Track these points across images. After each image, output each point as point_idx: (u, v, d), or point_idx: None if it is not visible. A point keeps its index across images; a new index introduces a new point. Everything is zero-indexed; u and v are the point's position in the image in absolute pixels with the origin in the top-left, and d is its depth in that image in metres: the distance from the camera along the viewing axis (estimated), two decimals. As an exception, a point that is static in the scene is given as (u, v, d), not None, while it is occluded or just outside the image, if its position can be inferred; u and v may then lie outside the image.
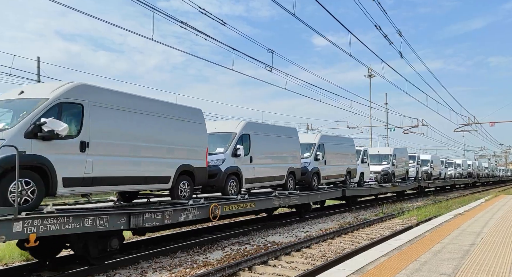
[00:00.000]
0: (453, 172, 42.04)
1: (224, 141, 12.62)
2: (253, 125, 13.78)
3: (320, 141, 17.57)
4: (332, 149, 18.26)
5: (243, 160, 12.51)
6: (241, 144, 12.55)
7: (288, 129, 16.08)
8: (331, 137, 19.74)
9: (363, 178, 22.18)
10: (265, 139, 13.82)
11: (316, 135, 18.08)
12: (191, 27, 11.72)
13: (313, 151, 16.99)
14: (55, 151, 7.07)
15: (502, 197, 23.11)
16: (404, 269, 5.88)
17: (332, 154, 18.14)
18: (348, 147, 20.17)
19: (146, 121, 9.09)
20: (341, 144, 19.50)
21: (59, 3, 9.48)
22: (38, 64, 24.18)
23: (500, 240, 8.37)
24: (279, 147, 14.50)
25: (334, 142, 18.83)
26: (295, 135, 15.90)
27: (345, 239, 12.41)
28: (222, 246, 11.02)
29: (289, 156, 14.96)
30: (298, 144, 15.77)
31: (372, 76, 39.05)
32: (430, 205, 21.97)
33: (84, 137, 7.62)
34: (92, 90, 8.09)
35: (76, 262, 9.11)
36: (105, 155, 8.00)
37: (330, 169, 18.00)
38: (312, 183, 16.60)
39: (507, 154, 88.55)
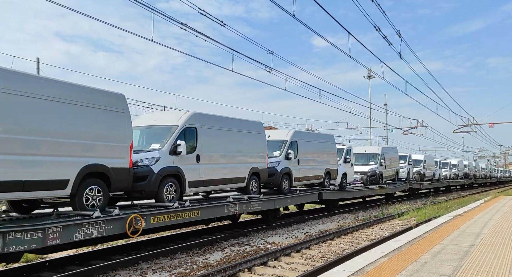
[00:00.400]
0: (448, 173, 40.71)
1: (162, 136, 10.49)
2: (202, 117, 11.48)
3: (292, 138, 15.57)
4: (308, 147, 16.36)
5: (187, 158, 10.45)
6: (183, 139, 10.42)
7: (252, 123, 13.72)
8: (307, 133, 17.92)
9: (346, 179, 20.11)
10: (219, 134, 11.82)
11: (288, 132, 15.90)
12: (191, 28, 11.74)
13: (283, 149, 15.04)
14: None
15: (502, 198, 23.13)
16: (404, 270, 5.88)
17: (307, 153, 16.23)
18: (328, 145, 18.12)
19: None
20: (318, 141, 17.52)
21: (58, 4, 9.49)
22: (37, 65, 24.17)
23: (500, 241, 8.38)
24: (239, 143, 12.64)
25: (310, 139, 16.86)
26: (260, 130, 13.93)
27: (345, 240, 12.42)
28: (221, 247, 11.02)
29: (252, 154, 13.08)
30: (264, 141, 13.91)
31: (372, 77, 39.08)
32: (429, 206, 21.99)
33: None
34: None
35: (76, 263, 9.12)
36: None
37: (304, 169, 16.04)
38: (281, 185, 14.59)
39: (506, 155, 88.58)
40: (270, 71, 15.68)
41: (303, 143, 16.08)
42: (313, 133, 19.00)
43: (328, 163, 17.81)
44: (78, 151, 7.76)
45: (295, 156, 15.35)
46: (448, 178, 40.10)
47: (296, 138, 15.75)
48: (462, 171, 45.79)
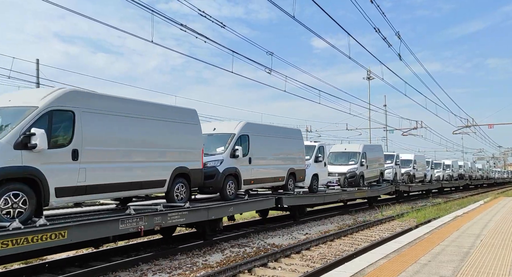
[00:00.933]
0: (441, 174, 38.29)
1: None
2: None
3: (242, 131, 12.81)
4: (264, 143, 13.72)
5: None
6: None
7: (179, 111, 10.63)
8: (263, 127, 14.72)
9: (317, 181, 17.41)
10: (121, 123, 8.68)
11: (238, 124, 13.16)
12: (191, 30, 11.75)
13: (229, 145, 12.20)
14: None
15: (501, 199, 23.14)
16: (404, 271, 5.89)
17: (263, 150, 13.60)
18: (293, 141, 15.59)
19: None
20: (279, 136, 14.83)
21: (58, 5, 9.50)
22: (37, 66, 24.18)
23: (500, 242, 8.39)
24: (156, 137, 9.65)
25: (267, 133, 14.19)
26: (194, 120, 10.98)
27: (345, 241, 12.41)
28: (221, 248, 11.01)
29: (177, 151, 10.15)
30: (199, 134, 10.99)
31: (371, 79, 39.12)
32: (429, 207, 21.99)
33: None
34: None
35: (76, 264, 9.11)
36: None
37: (259, 169, 13.34)
38: (224, 189, 11.77)
39: (506, 156, 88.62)
40: (270, 72, 15.70)
41: (258, 138, 13.44)
42: (272, 126, 15.62)
43: (293, 162, 15.29)
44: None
45: (244, 153, 12.61)
46: (441, 179, 38.06)
47: (247, 131, 13.02)
48: (457, 171, 43.82)
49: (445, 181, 38.79)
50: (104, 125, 8.32)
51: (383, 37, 16.15)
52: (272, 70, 15.67)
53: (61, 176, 7.32)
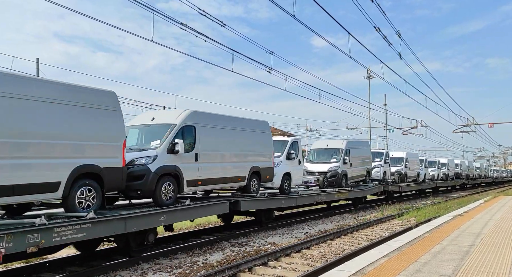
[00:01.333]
0: (436, 173, 36.61)
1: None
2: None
3: (186, 121, 10.48)
4: (217, 136, 11.47)
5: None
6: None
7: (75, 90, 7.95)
8: (215, 117, 11.80)
9: (289, 181, 15.22)
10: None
11: (181, 113, 10.75)
12: (191, 29, 11.74)
13: (167, 138, 9.90)
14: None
15: (501, 198, 23.15)
16: (404, 270, 5.89)
17: (215, 144, 11.39)
18: (257, 135, 13.32)
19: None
20: (238, 128, 12.52)
21: (58, 5, 9.50)
22: (37, 65, 24.20)
23: (500, 240, 8.39)
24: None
25: (221, 125, 11.78)
26: (111, 105, 8.56)
27: (345, 240, 12.42)
28: (222, 248, 11.02)
29: (79, 144, 7.77)
30: (118, 123, 8.65)
31: (371, 78, 39.10)
32: (429, 206, 22.00)
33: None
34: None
35: (76, 263, 9.12)
36: None
37: (210, 168, 11.00)
38: (157, 193, 9.43)
39: (506, 155, 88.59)
40: (270, 72, 15.70)
41: (209, 130, 11.20)
42: (229, 117, 12.68)
43: (258, 159, 13.07)
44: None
45: (188, 148, 10.40)
46: (436, 179, 36.37)
47: (193, 122, 10.75)
48: (453, 170, 41.81)
49: (440, 180, 37.24)
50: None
51: (384, 36, 16.15)
52: (272, 69, 15.67)
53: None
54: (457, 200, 27.02)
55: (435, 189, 36.16)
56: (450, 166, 40.62)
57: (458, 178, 42.99)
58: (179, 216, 9.99)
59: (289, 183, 15.26)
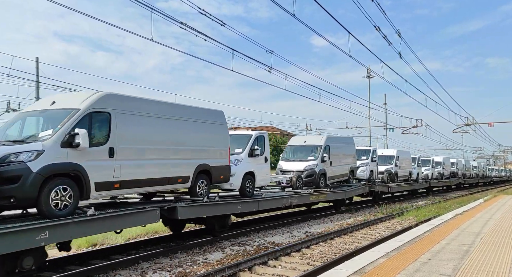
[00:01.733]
0: (430, 172, 34.89)
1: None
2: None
3: (95, 106, 8.12)
4: (145, 126, 9.20)
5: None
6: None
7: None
8: (140, 102, 9.40)
9: (253, 182, 13.04)
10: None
11: (89, 97, 8.28)
12: (191, 28, 11.73)
13: (62, 128, 7.52)
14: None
15: (501, 197, 23.16)
16: (404, 269, 5.89)
17: (142, 137, 9.09)
18: (205, 127, 11.01)
19: None
20: (178, 117, 10.20)
21: (58, 4, 9.48)
22: (37, 65, 24.19)
23: (500, 240, 8.39)
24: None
25: (148, 112, 9.35)
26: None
27: (345, 240, 12.42)
28: (221, 247, 11.02)
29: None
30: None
31: (371, 77, 39.12)
32: (429, 205, 22.00)
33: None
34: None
35: (76, 262, 9.11)
36: None
37: (133, 167, 8.72)
38: (43, 201, 6.98)
39: (506, 154, 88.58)
40: (270, 71, 15.68)
41: (134, 119, 8.90)
42: (164, 103, 10.24)
43: (207, 156, 10.87)
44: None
45: (100, 141, 8.15)
46: (430, 178, 34.63)
47: (108, 107, 8.36)
48: (449, 169, 40.23)
49: (434, 180, 35.44)
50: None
51: (384, 35, 16.14)
52: (272, 68, 15.67)
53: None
54: (457, 200, 27.03)
55: (429, 189, 34.42)
56: (445, 165, 39.20)
57: (454, 178, 41.54)
58: (74, 231, 7.40)
59: (252, 183, 12.99)
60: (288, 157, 18.25)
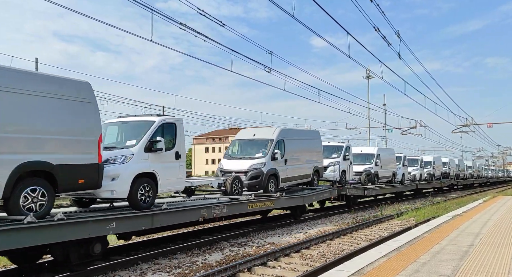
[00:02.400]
0: (419, 173, 31.75)
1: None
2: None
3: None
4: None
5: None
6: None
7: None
8: None
9: (154, 187, 9.45)
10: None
11: None
12: (190, 28, 11.74)
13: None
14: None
15: (500, 198, 23.19)
16: (403, 270, 5.89)
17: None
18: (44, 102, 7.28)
19: None
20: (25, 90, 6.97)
21: (57, 4, 9.48)
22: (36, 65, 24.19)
23: (499, 241, 8.40)
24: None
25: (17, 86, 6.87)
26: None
27: (344, 240, 12.42)
28: (221, 248, 11.02)
29: None
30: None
31: (371, 78, 39.17)
32: (428, 206, 22.01)
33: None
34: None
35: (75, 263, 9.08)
36: None
37: None
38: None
39: (505, 155, 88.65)
40: (269, 72, 15.71)
41: None
42: None
43: (46, 150, 7.22)
44: None
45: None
46: (419, 179, 31.50)
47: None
48: (440, 170, 37.33)
49: (423, 181, 32.38)
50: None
51: (383, 36, 16.16)
52: (271, 69, 15.69)
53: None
54: (456, 200, 27.05)
55: (417, 191, 31.73)
56: (436, 165, 36.09)
57: (446, 178, 38.55)
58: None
59: (152, 189, 9.38)
60: (233, 154, 15.12)
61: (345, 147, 20.95)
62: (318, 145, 17.84)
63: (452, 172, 41.01)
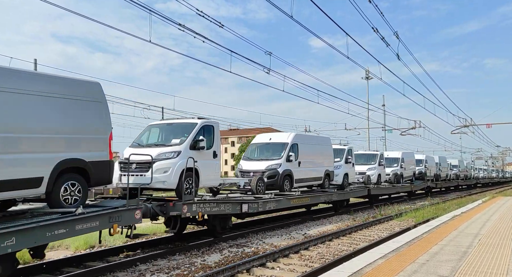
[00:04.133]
0: (375, 173, 23.63)
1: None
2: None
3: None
4: None
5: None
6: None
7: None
8: None
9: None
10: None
11: None
12: (189, 29, 11.73)
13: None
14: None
15: (499, 198, 23.20)
16: (402, 271, 5.88)
17: None
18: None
19: None
20: None
21: (55, 5, 9.47)
22: (35, 66, 24.15)
23: (498, 241, 8.39)
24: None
25: None
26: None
27: (343, 241, 12.41)
28: (220, 249, 10.99)
29: None
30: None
31: (370, 78, 39.16)
32: (427, 206, 22.01)
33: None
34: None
35: (73, 264, 9.08)
36: None
37: None
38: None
39: (504, 156, 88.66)
40: (268, 72, 15.70)
41: None
42: None
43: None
44: None
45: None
46: (376, 182, 23.53)
47: None
48: (412, 169, 30.04)
49: (383, 184, 24.75)
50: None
51: (382, 37, 16.16)
52: (270, 70, 15.68)
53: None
54: (455, 201, 27.06)
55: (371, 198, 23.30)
56: (405, 162, 28.45)
57: (420, 179, 31.30)
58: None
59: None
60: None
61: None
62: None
63: (430, 172, 34.04)
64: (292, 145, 15.88)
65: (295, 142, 16.13)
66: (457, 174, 43.44)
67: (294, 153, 15.76)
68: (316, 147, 17.85)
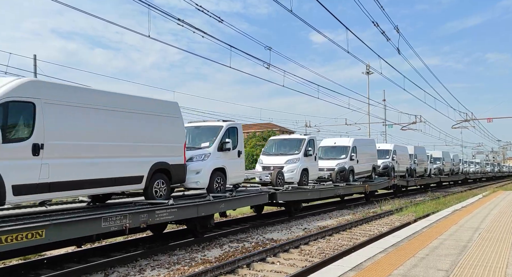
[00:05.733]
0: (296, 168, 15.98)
1: None
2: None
3: None
4: None
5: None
6: None
7: None
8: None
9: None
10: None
11: None
12: (188, 25, 11.68)
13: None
14: None
15: (500, 192, 23.20)
16: (401, 265, 5.89)
17: None
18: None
19: None
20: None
21: (55, 1, 9.43)
22: (34, 62, 24.10)
23: (498, 235, 8.40)
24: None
25: None
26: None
27: (343, 236, 12.43)
28: (220, 244, 11.02)
29: None
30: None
31: (370, 73, 39.10)
32: (428, 201, 22.04)
33: None
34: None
35: (74, 260, 9.11)
36: None
37: None
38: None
39: (505, 150, 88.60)
40: (268, 68, 15.66)
41: None
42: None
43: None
44: None
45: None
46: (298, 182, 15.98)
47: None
48: (372, 162, 22.96)
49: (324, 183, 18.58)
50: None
51: (382, 31, 16.11)
52: (270, 65, 15.63)
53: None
54: (456, 195, 27.07)
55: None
56: (360, 154, 21.28)
57: (385, 176, 24.84)
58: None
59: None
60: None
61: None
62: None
63: (402, 167, 26.90)
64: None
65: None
66: (440, 168, 36.20)
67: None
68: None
